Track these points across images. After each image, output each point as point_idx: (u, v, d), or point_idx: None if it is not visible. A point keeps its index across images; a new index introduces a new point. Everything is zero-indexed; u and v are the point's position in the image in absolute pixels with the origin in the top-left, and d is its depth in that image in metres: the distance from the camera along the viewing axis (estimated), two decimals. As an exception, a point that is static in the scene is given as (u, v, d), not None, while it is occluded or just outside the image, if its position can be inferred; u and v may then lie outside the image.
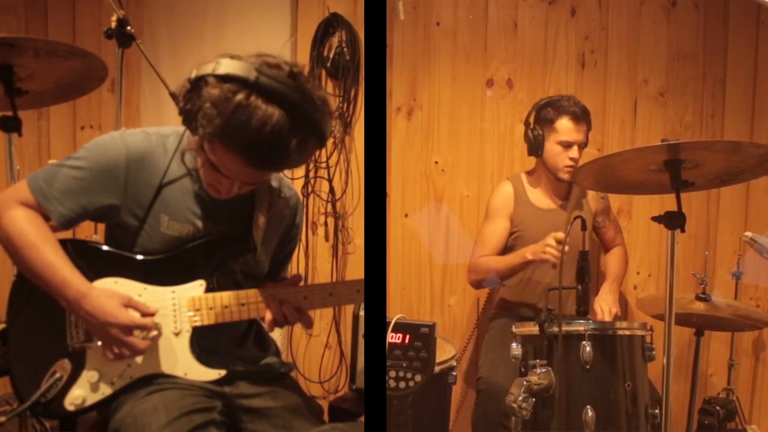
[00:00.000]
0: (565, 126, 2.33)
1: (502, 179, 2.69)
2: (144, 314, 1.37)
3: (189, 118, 1.29)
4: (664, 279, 1.64)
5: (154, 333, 1.40)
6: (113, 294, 1.35)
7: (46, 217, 1.39)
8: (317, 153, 2.86)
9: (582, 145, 2.36)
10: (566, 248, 1.86)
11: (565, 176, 2.36)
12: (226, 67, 1.25)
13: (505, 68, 2.84)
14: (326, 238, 2.98)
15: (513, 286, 2.46)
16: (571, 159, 2.33)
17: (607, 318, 2.24)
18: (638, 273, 2.80)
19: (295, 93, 1.25)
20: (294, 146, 1.26)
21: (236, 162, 1.28)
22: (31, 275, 1.36)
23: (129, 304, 1.36)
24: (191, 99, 1.28)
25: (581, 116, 2.34)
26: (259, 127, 1.22)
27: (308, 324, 1.53)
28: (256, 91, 1.23)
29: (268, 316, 1.47)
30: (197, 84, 1.27)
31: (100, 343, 1.39)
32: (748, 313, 2.19)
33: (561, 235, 1.98)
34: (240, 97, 1.22)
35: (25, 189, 1.39)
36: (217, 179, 1.36)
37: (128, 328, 1.33)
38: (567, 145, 2.33)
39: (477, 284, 2.50)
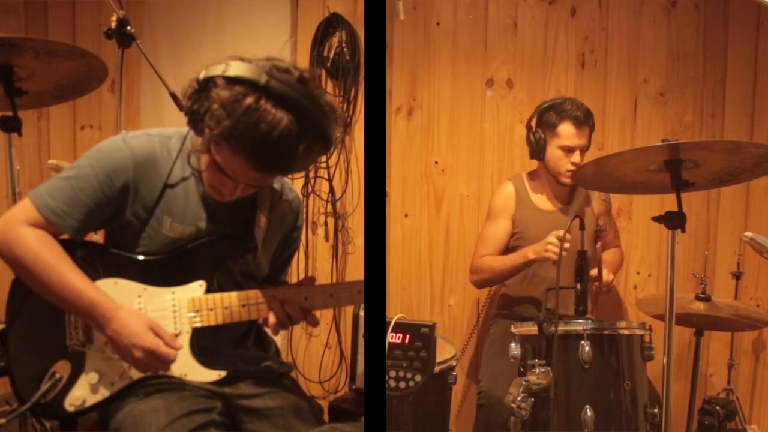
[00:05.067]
0: (567, 131, 2.30)
1: (502, 179, 2.69)
2: (167, 344, 1.36)
3: (195, 118, 1.29)
4: (664, 279, 1.64)
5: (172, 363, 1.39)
6: (140, 315, 1.36)
7: (55, 234, 1.38)
8: (323, 155, 2.85)
9: (584, 150, 2.34)
10: (567, 245, 1.85)
11: (567, 181, 2.34)
12: (237, 69, 1.24)
13: (505, 68, 2.84)
14: (326, 238, 2.98)
15: (516, 283, 2.46)
16: (573, 164, 2.31)
17: (605, 278, 2.16)
18: (638, 273, 2.80)
19: (304, 98, 1.25)
20: (301, 151, 1.26)
21: (242, 165, 1.28)
22: (53, 298, 1.34)
23: (156, 331, 1.36)
24: (198, 99, 1.27)
25: (584, 120, 2.31)
26: (268, 132, 1.22)
27: (314, 323, 1.52)
28: (266, 94, 1.23)
29: (272, 319, 1.47)
30: (205, 85, 1.26)
31: (97, 346, 1.39)
32: (748, 313, 2.19)
33: (561, 232, 1.97)
34: (250, 100, 1.22)
35: (30, 208, 1.36)
36: (221, 181, 1.36)
37: (151, 352, 1.33)
38: (569, 150, 2.31)
39: (479, 284, 2.50)
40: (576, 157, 2.32)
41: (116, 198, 1.39)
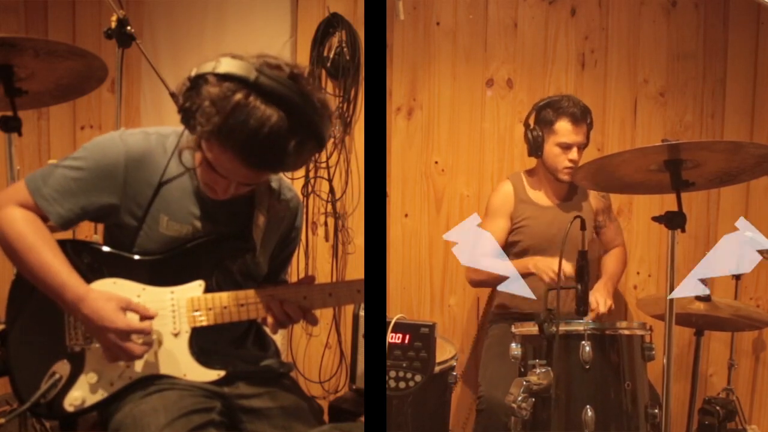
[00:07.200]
0: (564, 128, 2.32)
1: (502, 179, 2.69)
2: (143, 317, 1.37)
3: (188, 116, 1.29)
4: (664, 279, 1.64)
5: (153, 337, 1.39)
6: (111, 297, 1.35)
7: (45, 218, 1.39)
8: (317, 153, 2.85)
9: (582, 146, 2.35)
10: (564, 280, 1.84)
11: (565, 177, 2.35)
12: (227, 66, 1.24)
13: (505, 68, 2.84)
14: (326, 238, 2.98)
15: (515, 300, 2.44)
16: (571, 161, 2.32)
17: (602, 309, 2.22)
18: (638, 273, 2.80)
19: (295, 95, 1.25)
20: (292, 148, 1.26)
21: (233, 162, 1.28)
22: (30, 277, 1.36)
23: (128, 307, 1.36)
24: (190, 97, 1.27)
25: (581, 117, 2.32)
26: (257, 128, 1.22)
27: (313, 322, 1.52)
28: (256, 91, 1.23)
29: (271, 318, 1.47)
30: (197, 82, 1.27)
31: (98, 345, 1.38)
32: (748, 313, 2.19)
33: (570, 270, 1.91)
34: (239, 96, 1.22)
35: (23, 190, 1.39)
36: (214, 179, 1.36)
37: (125, 333, 1.33)
38: (566, 147, 2.32)
39: (475, 284, 2.50)
40: (573, 154, 2.33)
41: (107, 192, 1.40)
